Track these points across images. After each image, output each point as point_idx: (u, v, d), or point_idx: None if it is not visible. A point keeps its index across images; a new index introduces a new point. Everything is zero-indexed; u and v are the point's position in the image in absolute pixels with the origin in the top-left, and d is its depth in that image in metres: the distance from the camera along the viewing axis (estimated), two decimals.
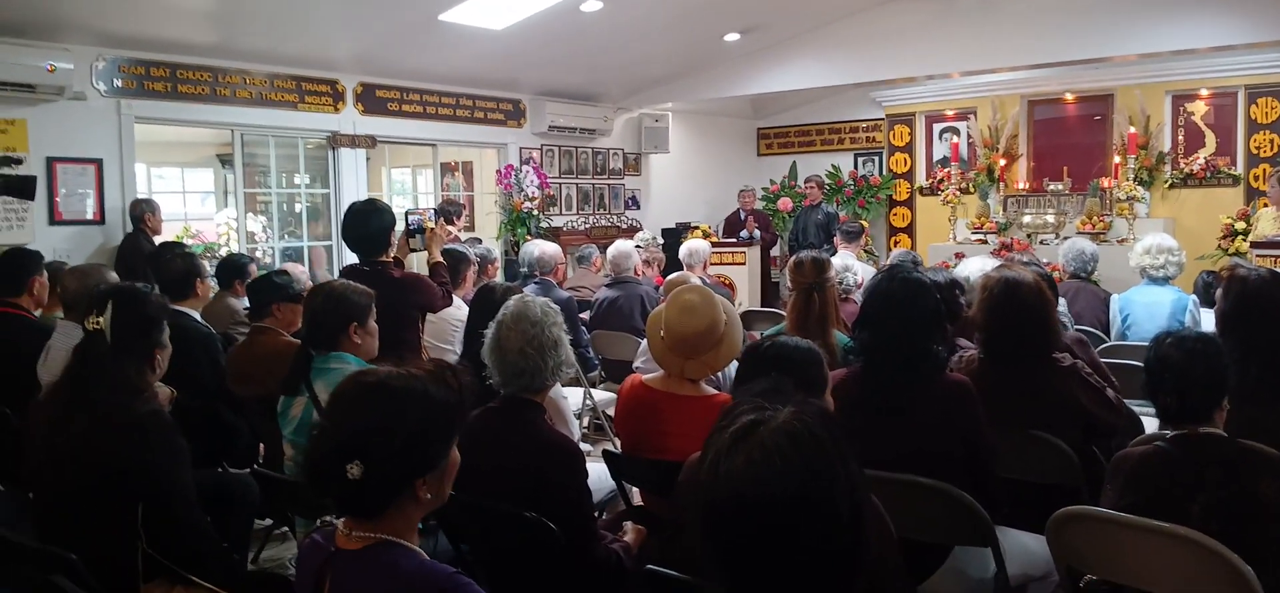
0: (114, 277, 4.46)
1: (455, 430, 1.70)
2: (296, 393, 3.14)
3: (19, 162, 5.40)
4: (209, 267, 5.16)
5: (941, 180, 10.64)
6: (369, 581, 1.58)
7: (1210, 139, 9.53)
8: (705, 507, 1.29)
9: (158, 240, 6.85)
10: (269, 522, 4.32)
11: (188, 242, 7.98)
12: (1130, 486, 2.40)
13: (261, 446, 4.37)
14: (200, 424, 3.93)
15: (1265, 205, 7.81)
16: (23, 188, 5.07)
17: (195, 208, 11.75)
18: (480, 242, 8.59)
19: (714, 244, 9.14)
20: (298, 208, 9.44)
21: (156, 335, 2.75)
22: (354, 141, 8.59)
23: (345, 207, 8.25)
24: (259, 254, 8.73)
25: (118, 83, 7.02)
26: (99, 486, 2.45)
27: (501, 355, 2.69)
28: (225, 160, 10.77)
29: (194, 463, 2.70)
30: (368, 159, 9.00)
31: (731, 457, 1.28)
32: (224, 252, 8.08)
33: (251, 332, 4.31)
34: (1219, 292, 3.28)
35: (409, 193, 11.92)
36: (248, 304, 4.85)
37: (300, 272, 6.04)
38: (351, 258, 4.46)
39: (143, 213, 6.82)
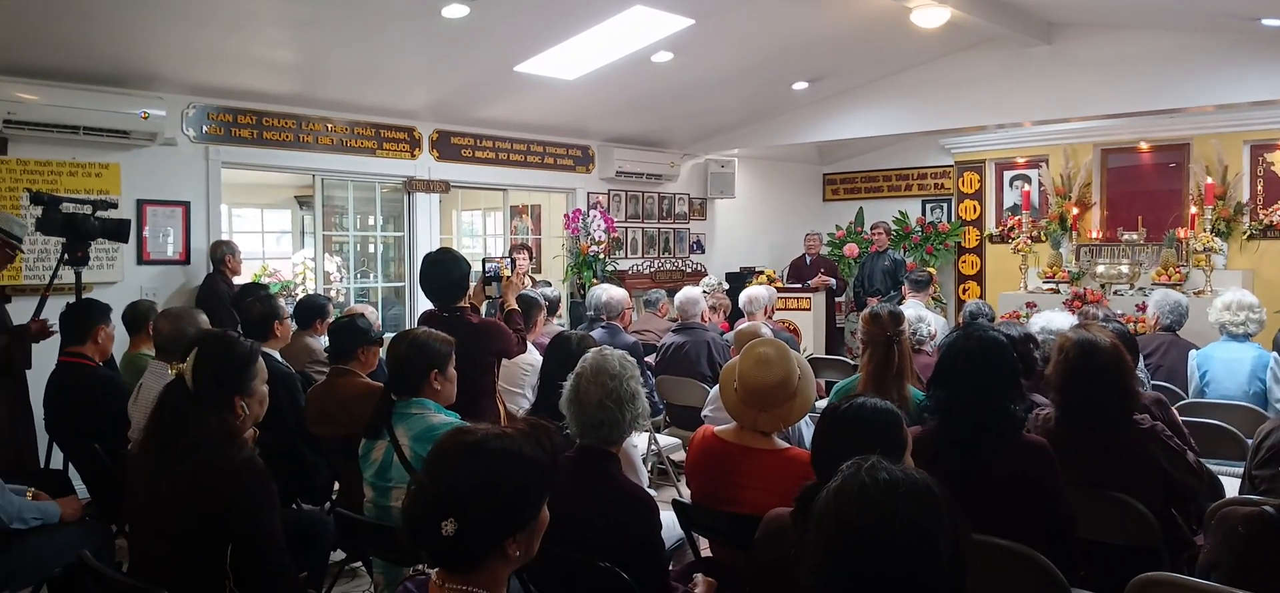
0: (205, 321, 4.64)
1: (548, 490, 1.75)
2: (378, 437, 3.23)
3: (113, 205, 5.65)
4: (286, 305, 5.32)
5: (1012, 228, 10.51)
6: None
7: None
8: (819, 532, 1.42)
9: (238, 281, 7.09)
10: (342, 556, 4.42)
11: (265, 280, 8.23)
12: (1228, 545, 2.33)
13: (336, 484, 4.48)
14: (279, 462, 4.06)
15: None
16: (118, 231, 5.30)
17: (272, 247, 12.11)
18: (550, 284, 8.73)
19: (780, 289, 9.14)
20: (372, 249, 9.70)
21: (241, 383, 2.77)
22: (428, 186, 8.81)
23: (418, 248, 8.58)
24: (334, 293, 8.98)
25: (206, 129, 7.32)
26: (194, 528, 2.55)
27: (580, 408, 2.75)
28: (303, 202, 11.10)
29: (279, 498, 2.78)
30: (440, 202, 9.21)
31: (847, 484, 1.43)
32: (300, 291, 8.32)
33: (331, 373, 4.43)
34: None
35: (479, 235, 12.15)
36: (326, 344, 5.00)
37: (372, 314, 6.20)
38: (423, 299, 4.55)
39: (223, 256, 7.07)
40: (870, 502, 1.40)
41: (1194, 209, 9.16)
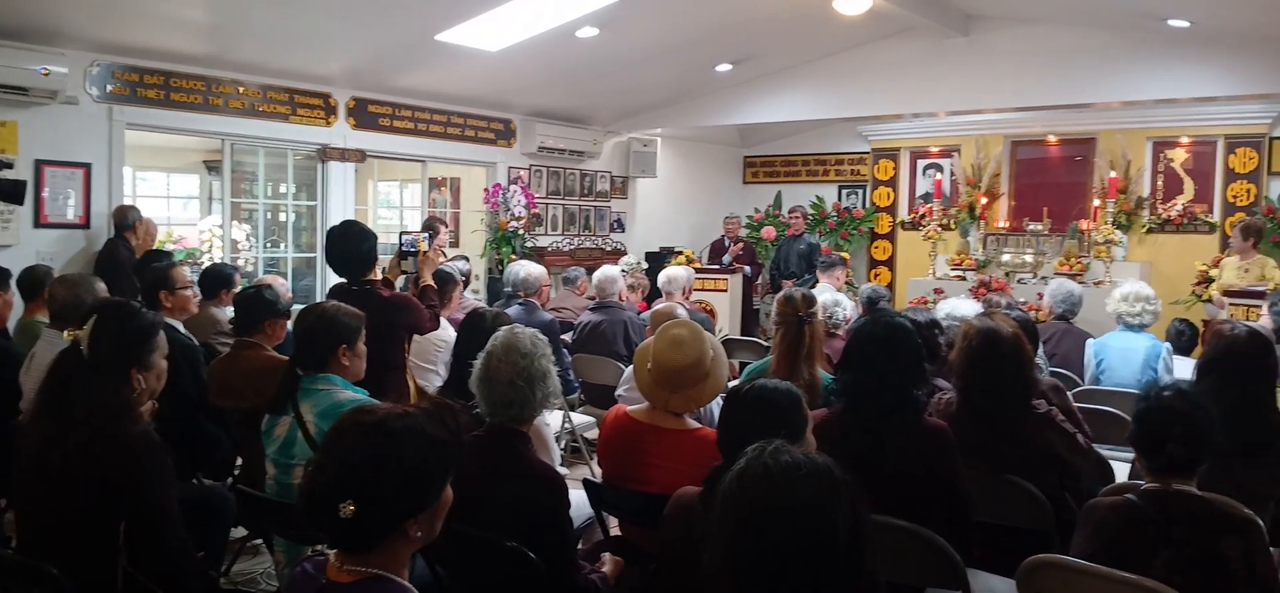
0: (103, 289, 4.47)
1: (451, 470, 1.73)
2: (282, 412, 3.16)
3: (9, 165, 5.39)
4: (191, 273, 5.16)
5: (923, 215, 10.78)
6: None
7: (1188, 186, 9.71)
8: (723, 519, 1.45)
9: (148, 251, 6.83)
10: (243, 533, 4.32)
11: (170, 247, 7.95)
12: (1099, 534, 2.46)
13: (238, 459, 4.38)
14: (179, 435, 3.95)
15: (1231, 255, 7.96)
16: (13, 193, 5.08)
17: (178, 213, 11.71)
18: (466, 260, 8.62)
19: (697, 270, 9.20)
20: (283, 218, 9.44)
21: (139, 354, 2.69)
22: (344, 155, 8.62)
23: (332, 218, 8.39)
24: (242, 263, 8.73)
25: (110, 89, 7.03)
26: (85, 503, 2.46)
27: (491, 386, 2.73)
28: (212, 167, 10.75)
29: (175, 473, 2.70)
30: (356, 172, 9.02)
31: (750, 467, 1.45)
32: (206, 260, 8.06)
33: (236, 345, 4.30)
34: (1203, 345, 3.36)
35: (396, 207, 11.94)
36: (231, 314, 4.86)
37: (282, 285, 6.05)
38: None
39: (133, 222, 6.81)
40: (772, 485, 1.43)
41: (1097, 202, 9.50)
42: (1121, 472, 3.63)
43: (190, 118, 7.56)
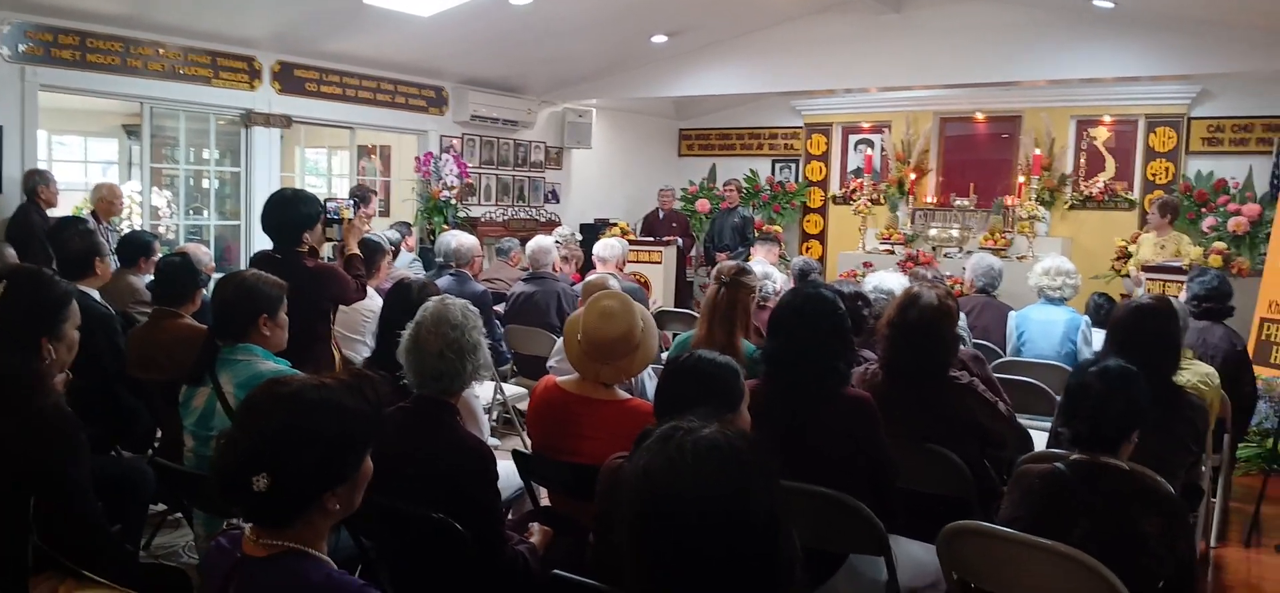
0: (12, 254, 4.30)
1: (370, 443, 1.70)
2: (200, 383, 3.08)
3: None
4: (109, 241, 5.00)
5: (854, 190, 10.92)
6: (275, 590, 1.58)
7: (1110, 164, 9.99)
8: (629, 508, 1.37)
9: (54, 214, 6.59)
10: (162, 508, 4.22)
11: (86, 213, 7.68)
12: (1025, 500, 2.53)
13: (158, 431, 4.27)
14: (96, 406, 3.83)
15: (1149, 231, 8.22)
16: None
17: (97, 178, 11.28)
18: (410, 226, 8.49)
19: (632, 242, 9.20)
20: (206, 184, 9.18)
21: (50, 324, 2.62)
22: (268, 120, 8.39)
23: (256, 185, 8.18)
24: (163, 230, 8.48)
25: (22, 48, 6.73)
26: None
27: (420, 358, 2.68)
28: (131, 131, 10.40)
29: (89, 446, 2.62)
30: (282, 138, 8.81)
31: (655, 459, 1.36)
32: (125, 226, 7.81)
33: (155, 314, 4.19)
34: (1112, 317, 3.46)
35: (324, 175, 11.68)
36: (150, 282, 4.73)
37: (203, 253, 5.90)
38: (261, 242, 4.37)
39: (36, 186, 6.56)
40: (678, 474, 1.35)
41: (1022, 178, 9.73)
42: (1041, 441, 3.74)
43: (108, 80, 7.28)
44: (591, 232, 10.30)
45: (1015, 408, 4.03)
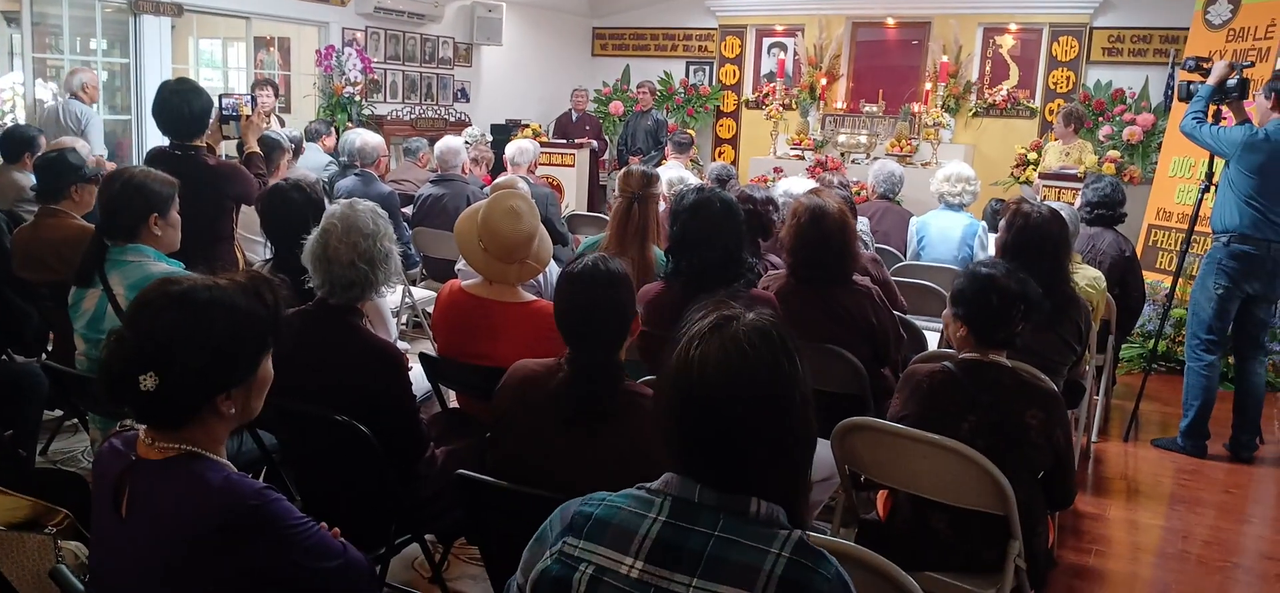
0: None
1: (267, 346, 1.66)
2: (90, 284, 2.98)
3: None
4: None
5: (767, 95, 10.95)
6: (172, 493, 1.55)
7: (1014, 72, 10.21)
8: (676, 393, 1.39)
9: None
10: (59, 413, 4.11)
11: None
12: (914, 397, 2.64)
13: (51, 334, 4.13)
14: None
15: (1054, 139, 8.48)
16: None
17: None
18: (330, 124, 8.19)
19: (544, 144, 9.09)
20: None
21: None
22: (158, 8, 7.96)
23: (146, 77, 7.79)
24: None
25: None
26: None
27: (329, 266, 2.61)
28: (10, 18, 9.73)
29: None
30: (174, 28, 8.37)
31: (705, 347, 1.38)
32: (8, 120, 7.37)
33: (40, 213, 4.02)
34: (1002, 223, 3.59)
35: (219, 68, 11.19)
36: (35, 181, 4.51)
37: (86, 148, 5.63)
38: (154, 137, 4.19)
39: None
40: (733, 361, 1.36)
41: (929, 86, 9.89)
42: (933, 341, 3.89)
43: None
44: (502, 133, 10.14)
45: (913, 310, 4.19)
